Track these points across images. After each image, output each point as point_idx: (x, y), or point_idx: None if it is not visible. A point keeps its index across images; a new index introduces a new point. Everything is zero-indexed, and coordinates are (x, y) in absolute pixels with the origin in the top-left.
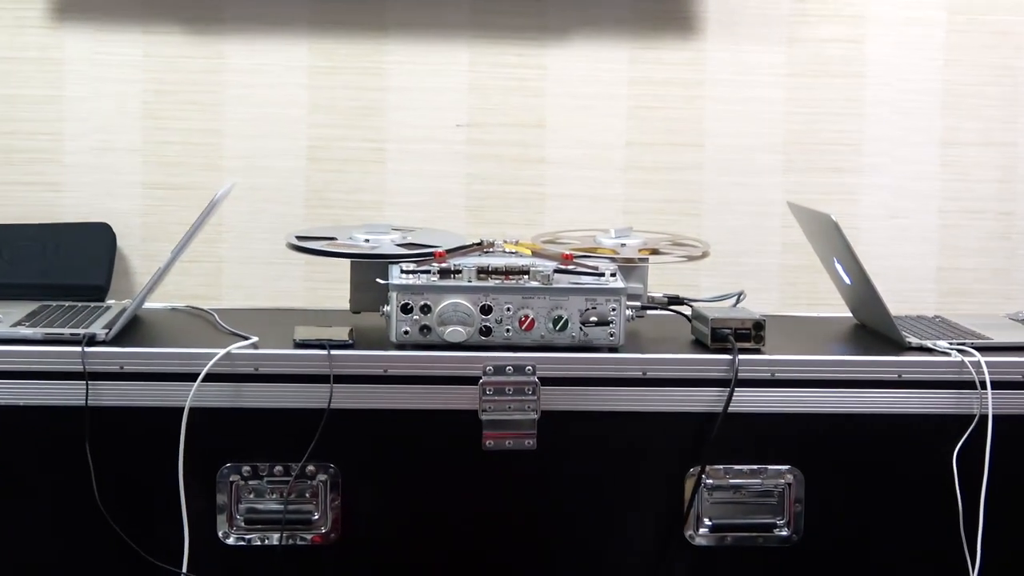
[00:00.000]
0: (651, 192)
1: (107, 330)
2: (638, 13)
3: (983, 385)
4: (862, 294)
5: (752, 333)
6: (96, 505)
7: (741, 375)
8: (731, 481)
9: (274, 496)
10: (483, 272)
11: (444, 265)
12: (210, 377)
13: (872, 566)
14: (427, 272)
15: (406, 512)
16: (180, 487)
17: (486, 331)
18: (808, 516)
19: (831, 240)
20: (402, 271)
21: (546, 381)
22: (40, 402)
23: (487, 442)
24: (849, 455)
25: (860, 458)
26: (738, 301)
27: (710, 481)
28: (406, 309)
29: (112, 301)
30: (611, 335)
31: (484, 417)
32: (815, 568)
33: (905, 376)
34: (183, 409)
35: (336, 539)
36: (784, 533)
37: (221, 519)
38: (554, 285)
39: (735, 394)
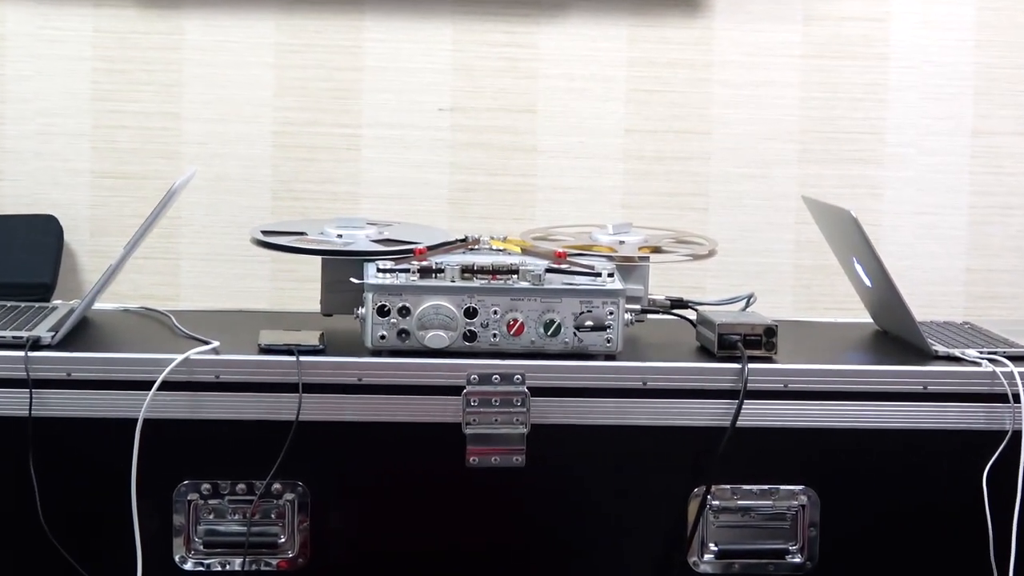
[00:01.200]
0: (653, 184)
1: (53, 333)
2: None
3: (1016, 398)
4: (884, 298)
5: (763, 340)
6: (40, 525)
7: (751, 386)
8: (739, 502)
9: (236, 517)
10: (468, 271)
11: (425, 263)
12: (166, 385)
13: None
14: (406, 271)
15: (381, 535)
16: (133, 506)
17: (471, 336)
18: (823, 541)
19: (850, 238)
20: (378, 270)
21: (537, 391)
22: None
23: (471, 458)
24: (869, 474)
25: (881, 478)
26: (748, 305)
27: (716, 502)
28: (383, 311)
29: (59, 301)
30: (608, 341)
31: (468, 431)
32: None
33: (931, 388)
34: (136, 420)
35: (304, 565)
36: (797, 560)
37: (177, 542)
38: (546, 286)
39: (744, 407)
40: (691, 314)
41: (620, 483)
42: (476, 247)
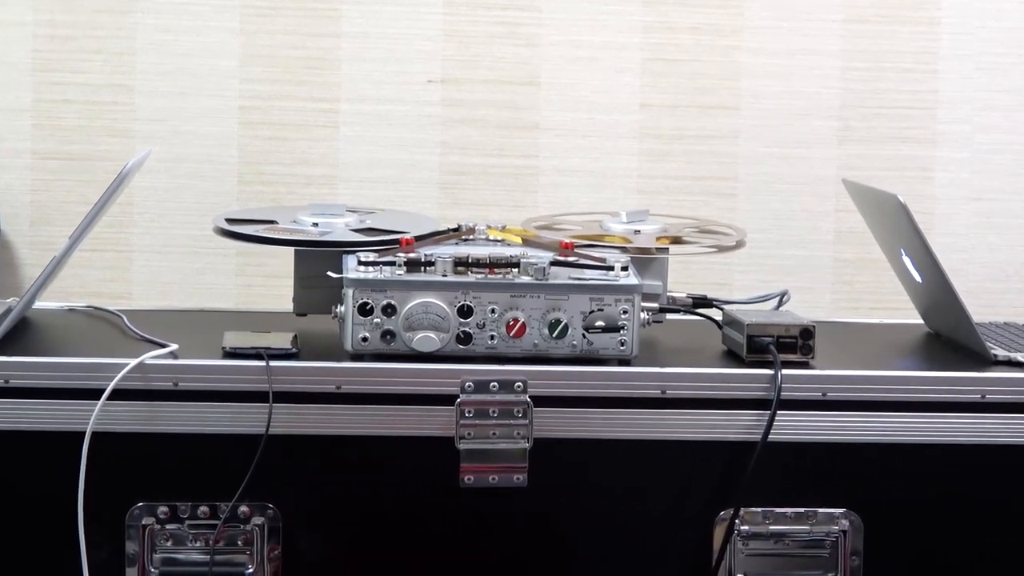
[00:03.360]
0: (672, 166)
1: None
2: None
3: None
4: (936, 295)
5: (798, 343)
6: None
7: (785, 395)
8: (771, 527)
9: (198, 544)
10: (461, 264)
11: (412, 256)
12: (117, 394)
13: None
14: (391, 264)
15: (362, 565)
16: (80, 532)
17: (465, 338)
18: (868, 572)
19: (897, 227)
20: (359, 263)
21: (540, 401)
22: None
23: (466, 477)
24: (919, 495)
25: (933, 499)
26: (781, 303)
27: (745, 527)
28: (364, 310)
29: None
30: (622, 344)
31: (462, 446)
32: None
33: (990, 397)
34: (84, 434)
35: None
36: None
37: (131, 573)
38: (550, 281)
39: (777, 418)
40: (716, 314)
41: (635, 506)
42: (471, 237)
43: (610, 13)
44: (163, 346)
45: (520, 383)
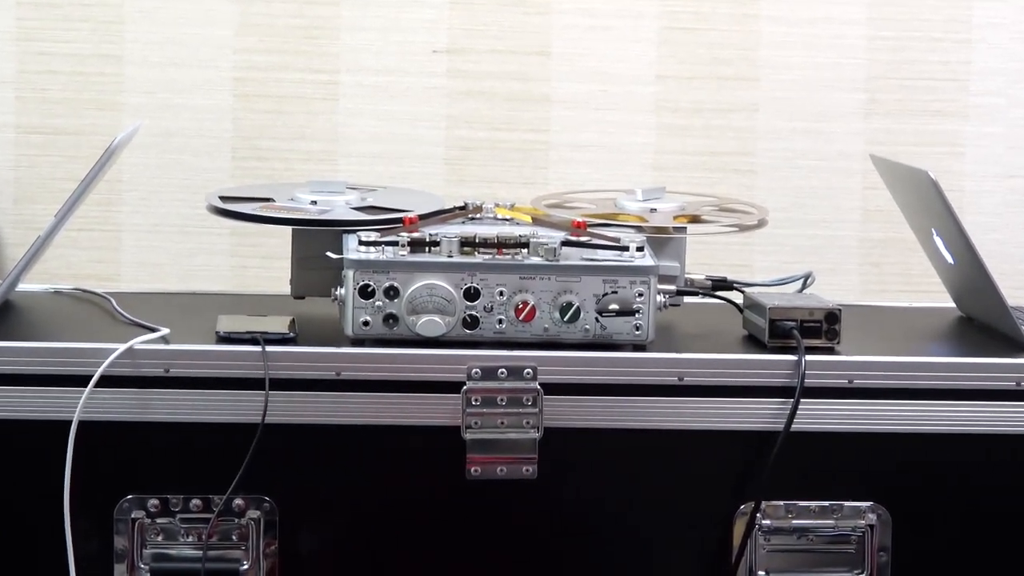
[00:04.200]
0: (690, 141)
1: None
2: None
3: None
4: (969, 277)
5: (823, 327)
6: None
7: (809, 382)
8: (794, 522)
9: (190, 539)
10: (468, 244)
11: (416, 235)
12: (106, 381)
13: None
14: (394, 244)
15: (363, 561)
16: (66, 526)
17: (471, 322)
18: (896, 569)
19: (928, 205)
20: (360, 243)
21: (551, 389)
22: None
23: (472, 469)
24: (950, 488)
25: (965, 493)
26: (805, 285)
27: (767, 522)
28: (366, 293)
29: None
30: (637, 328)
31: (469, 436)
32: None
33: None
34: (70, 423)
35: None
36: None
37: (119, 569)
38: (562, 262)
39: (801, 407)
40: (737, 297)
41: (651, 499)
42: (478, 216)
43: None
44: (154, 330)
45: (530, 369)
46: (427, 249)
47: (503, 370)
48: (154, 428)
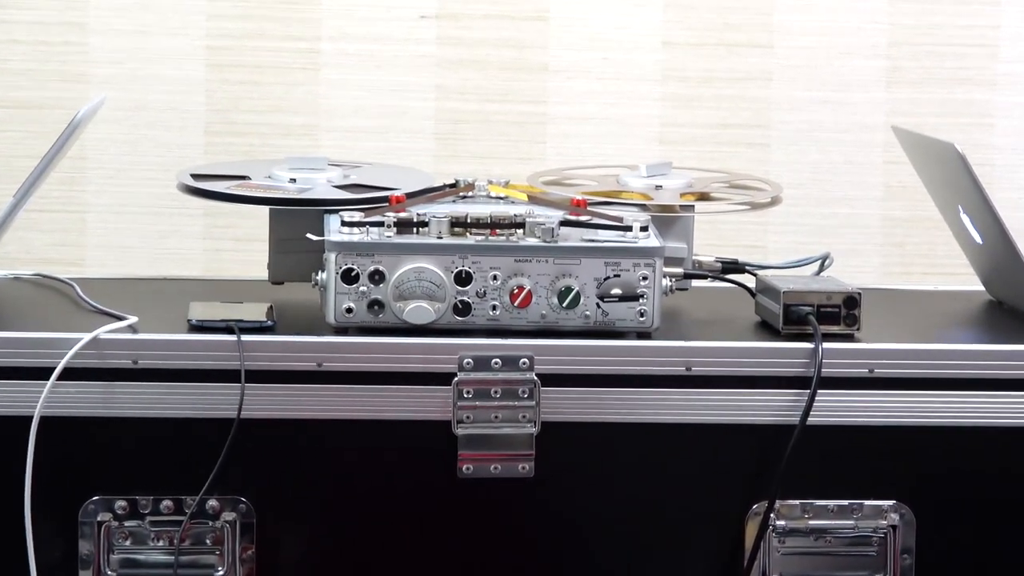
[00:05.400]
0: (698, 114)
1: None
2: None
3: None
4: (998, 258)
5: (842, 312)
6: None
7: (826, 372)
8: (811, 523)
9: (161, 543)
10: (459, 225)
11: (403, 215)
12: (69, 373)
13: None
14: (379, 225)
15: (346, 566)
16: (27, 530)
17: (463, 308)
18: (921, 572)
19: (955, 181)
20: (343, 224)
21: (548, 380)
22: None
23: (464, 466)
24: (978, 485)
25: (993, 489)
26: (822, 268)
27: (781, 523)
28: (349, 277)
29: None
30: (641, 315)
31: (460, 431)
32: None
33: None
34: (31, 419)
35: None
36: None
37: (85, 575)
38: (560, 243)
39: (818, 399)
40: (749, 280)
41: (656, 498)
42: (470, 194)
43: None
44: (121, 319)
45: (526, 359)
46: (415, 230)
47: (497, 360)
48: (121, 424)
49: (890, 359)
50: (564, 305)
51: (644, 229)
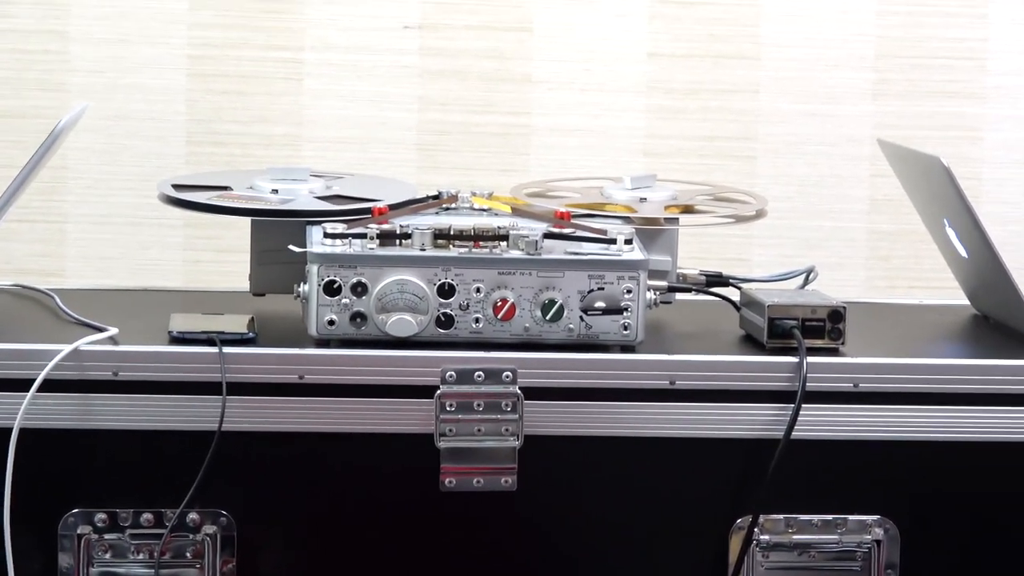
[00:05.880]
0: (683, 126)
1: None
2: None
3: None
4: (984, 272)
5: (827, 326)
6: None
7: (811, 386)
8: (795, 537)
9: (141, 556)
10: (442, 237)
11: (386, 227)
12: (49, 385)
13: None
14: (362, 237)
15: None
16: (6, 543)
17: (446, 321)
18: None
19: (940, 194)
20: (326, 235)
21: (532, 393)
22: None
23: (447, 480)
24: (963, 501)
25: (979, 505)
26: (807, 281)
27: (766, 537)
28: (331, 289)
29: None
30: (625, 328)
31: (443, 444)
32: None
33: None
34: (11, 431)
35: None
36: None
37: None
38: (544, 256)
39: (802, 413)
40: (733, 294)
41: (640, 513)
42: (453, 206)
43: None
44: (101, 330)
45: (509, 372)
46: (398, 242)
47: (480, 373)
48: (102, 436)
49: (875, 373)
50: (547, 318)
51: (628, 242)
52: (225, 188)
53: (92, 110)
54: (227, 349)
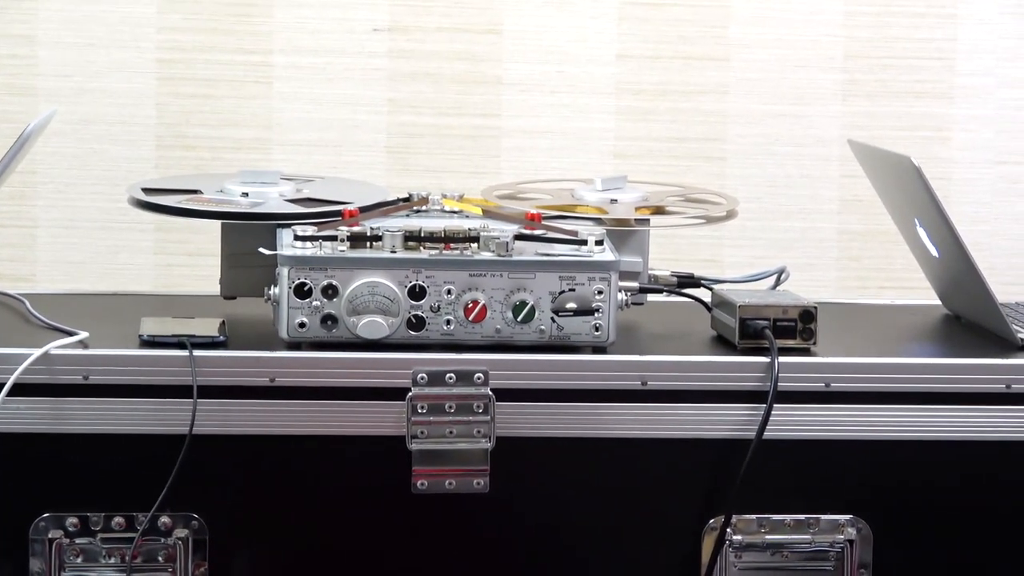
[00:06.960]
0: (653, 127)
1: None
2: None
3: None
4: (955, 272)
5: (798, 327)
6: None
7: (782, 386)
8: (768, 537)
9: (113, 560)
10: (413, 239)
11: (357, 229)
12: (19, 389)
13: None
14: (332, 239)
15: None
16: None
17: (417, 323)
18: None
19: (911, 194)
20: (296, 238)
21: (503, 395)
22: None
23: (419, 482)
24: (935, 500)
25: (952, 504)
26: (778, 282)
27: (738, 537)
28: (302, 292)
29: None
30: (596, 329)
31: (415, 447)
32: None
33: (1016, 387)
34: None
35: None
36: None
37: None
38: (515, 257)
39: (774, 413)
40: (705, 294)
41: (612, 514)
42: (424, 208)
43: None
44: (71, 334)
45: (480, 374)
46: (368, 244)
47: (451, 375)
48: (72, 440)
49: (846, 373)
50: (519, 319)
51: (599, 243)
52: (195, 192)
53: (61, 114)
54: (198, 352)
